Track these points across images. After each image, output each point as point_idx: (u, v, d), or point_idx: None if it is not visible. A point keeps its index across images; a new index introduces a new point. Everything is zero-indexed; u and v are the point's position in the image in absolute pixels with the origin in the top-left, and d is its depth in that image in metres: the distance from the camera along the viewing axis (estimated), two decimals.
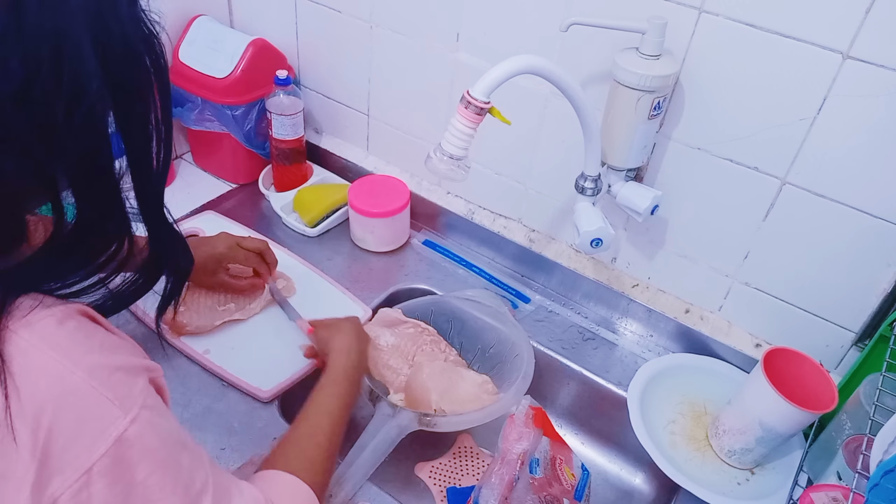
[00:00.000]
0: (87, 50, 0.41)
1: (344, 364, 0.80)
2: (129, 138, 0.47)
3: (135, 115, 0.47)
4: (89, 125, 0.43)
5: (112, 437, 0.44)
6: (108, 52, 0.42)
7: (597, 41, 0.87)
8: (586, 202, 0.90)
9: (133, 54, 0.44)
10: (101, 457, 0.43)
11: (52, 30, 0.39)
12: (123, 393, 0.45)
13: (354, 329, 0.86)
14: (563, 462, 0.85)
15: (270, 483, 0.64)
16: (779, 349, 0.82)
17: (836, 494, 0.72)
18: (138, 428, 0.45)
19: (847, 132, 0.77)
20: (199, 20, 1.18)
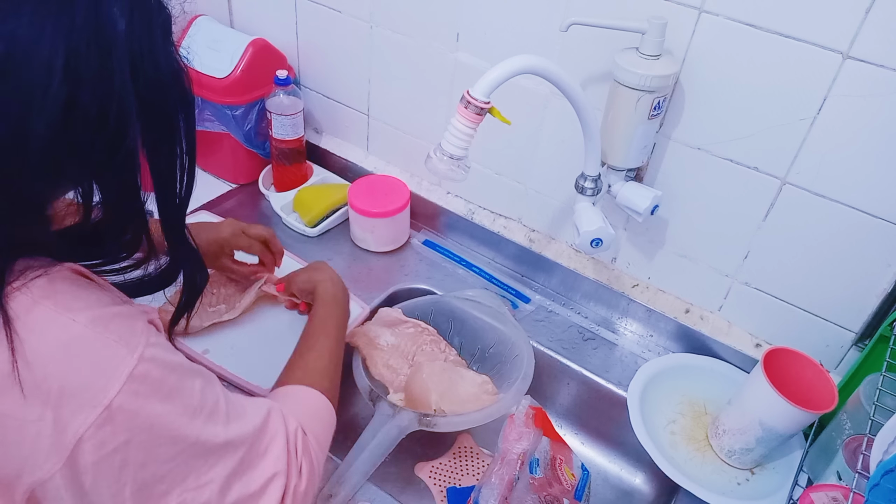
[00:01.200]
0: (128, 84, 0.44)
1: (331, 289, 0.88)
2: (157, 165, 0.51)
3: (163, 145, 0.51)
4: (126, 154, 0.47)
5: (124, 374, 0.46)
6: (144, 85, 0.46)
7: (597, 41, 0.87)
8: (586, 202, 0.90)
9: (165, 87, 0.48)
10: (118, 393, 0.46)
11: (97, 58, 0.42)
12: (126, 334, 0.48)
13: (326, 265, 0.94)
14: (563, 462, 0.85)
15: (283, 396, 0.70)
16: (779, 349, 0.82)
17: (836, 494, 0.72)
18: (146, 364, 0.48)
19: (847, 132, 0.77)
20: (199, 20, 1.18)
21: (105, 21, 0.42)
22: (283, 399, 0.69)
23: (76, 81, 0.42)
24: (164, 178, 0.52)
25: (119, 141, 0.46)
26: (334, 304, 0.87)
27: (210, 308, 0.98)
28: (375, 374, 0.92)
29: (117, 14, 0.43)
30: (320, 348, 0.79)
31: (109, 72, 0.43)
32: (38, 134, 0.41)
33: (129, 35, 0.44)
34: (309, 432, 0.65)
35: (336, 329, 0.83)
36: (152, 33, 0.46)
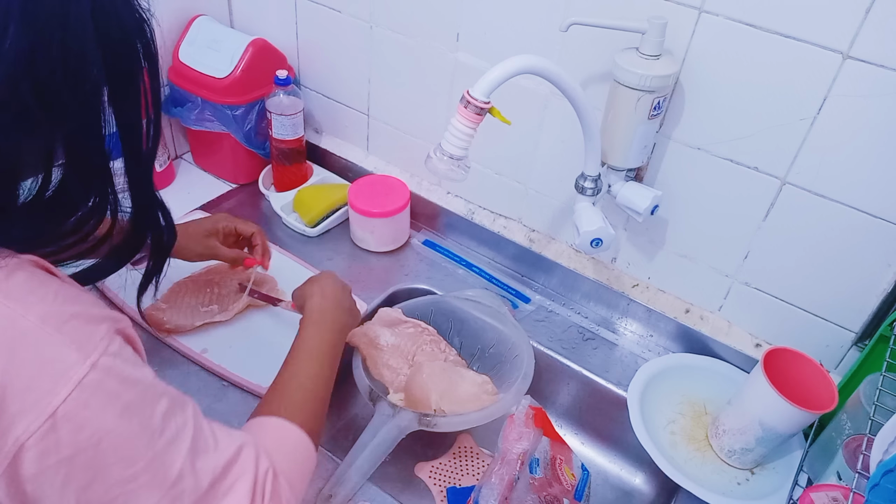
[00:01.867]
0: (89, 32, 0.43)
1: (318, 305, 0.81)
2: (122, 116, 0.49)
3: (127, 95, 0.49)
4: (88, 102, 0.45)
5: (73, 381, 0.43)
6: (106, 35, 0.44)
7: (597, 41, 0.87)
8: (586, 202, 0.90)
9: (127, 37, 0.47)
10: (63, 400, 0.42)
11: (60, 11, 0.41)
12: (81, 339, 0.44)
13: (327, 275, 0.88)
14: (563, 462, 0.85)
15: (257, 428, 0.64)
16: (779, 349, 0.82)
17: (836, 494, 0.72)
18: (100, 374, 0.44)
19: (847, 132, 0.77)
20: (199, 20, 1.18)
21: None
22: (257, 432, 0.63)
23: (35, 27, 0.40)
24: (130, 130, 0.50)
25: (83, 91, 0.44)
26: (321, 322, 0.79)
27: (203, 308, 0.98)
28: (375, 374, 0.92)
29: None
30: (302, 375, 0.72)
31: (70, 17, 0.42)
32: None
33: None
34: (281, 473, 0.58)
35: (322, 352, 0.76)
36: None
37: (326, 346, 0.77)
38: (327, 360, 0.76)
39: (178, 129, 1.29)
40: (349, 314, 0.85)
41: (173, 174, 1.27)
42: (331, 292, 0.83)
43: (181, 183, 1.26)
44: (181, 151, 1.32)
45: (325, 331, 0.78)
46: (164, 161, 1.22)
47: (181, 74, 1.16)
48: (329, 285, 0.85)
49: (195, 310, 0.97)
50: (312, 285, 0.85)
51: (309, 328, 0.78)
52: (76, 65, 0.43)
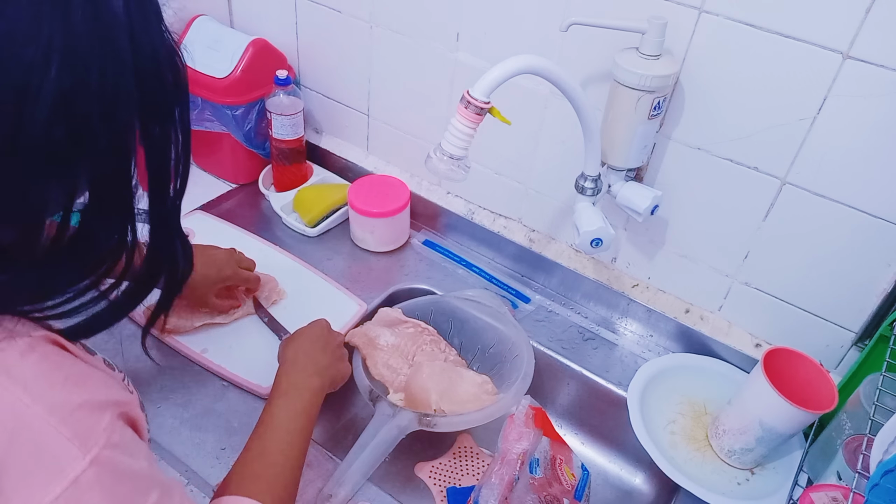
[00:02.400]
0: (128, 67, 0.41)
1: (288, 373, 0.77)
2: (151, 154, 0.47)
3: (157, 132, 0.47)
4: (121, 142, 0.43)
5: (69, 478, 0.41)
6: (142, 70, 0.43)
7: (597, 41, 0.87)
8: (586, 202, 0.90)
9: (160, 71, 0.45)
10: (55, 498, 0.41)
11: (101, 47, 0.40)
12: (84, 431, 0.43)
13: (307, 335, 0.83)
14: (563, 462, 0.85)
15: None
16: (779, 349, 0.82)
17: (836, 494, 0.72)
18: (98, 469, 0.43)
19: (847, 132, 0.77)
20: (199, 20, 1.18)
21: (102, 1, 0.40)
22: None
23: (75, 66, 0.39)
24: (159, 169, 0.48)
25: (117, 130, 0.43)
26: (291, 389, 0.75)
27: (202, 308, 0.98)
28: (375, 374, 0.92)
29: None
30: (272, 452, 0.68)
31: (109, 55, 0.40)
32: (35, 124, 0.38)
33: (127, 15, 0.41)
34: None
35: (291, 426, 0.72)
36: (147, 13, 0.43)
37: (298, 415, 0.73)
38: (300, 429, 0.72)
39: None
40: (326, 374, 0.80)
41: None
42: (303, 357, 0.79)
43: None
44: None
45: (296, 401, 0.74)
46: None
47: None
48: (303, 349, 0.81)
49: (195, 311, 0.97)
50: (287, 349, 0.81)
51: (278, 399, 0.74)
52: (112, 103, 0.41)
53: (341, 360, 0.85)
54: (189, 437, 0.84)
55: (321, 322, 0.88)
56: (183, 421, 0.85)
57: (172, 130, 0.48)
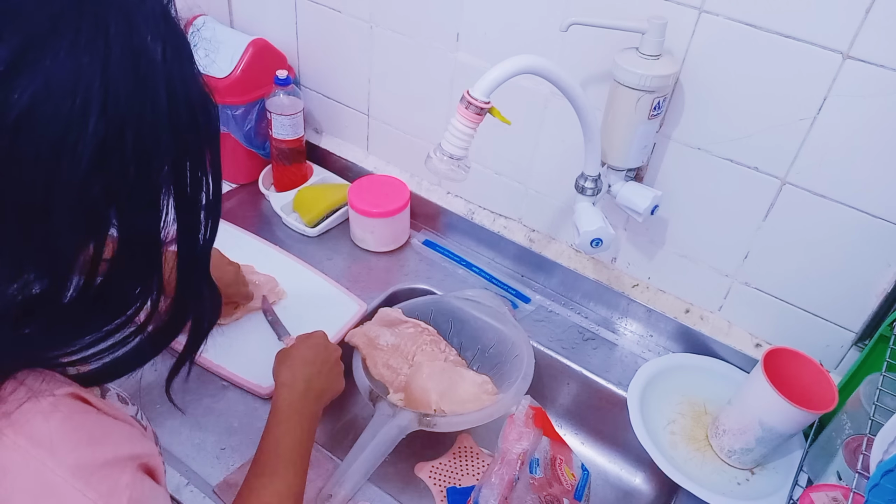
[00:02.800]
0: (163, 118, 0.41)
1: (288, 398, 0.76)
2: (182, 207, 0.46)
3: (191, 180, 0.46)
4: (154, 190, 0.43)
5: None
6: (176, 116, 0.42)
7: (597, 41, 0.87)
8: (586, 202, 0.90)
9: (194, 117, 0.44)
10: None
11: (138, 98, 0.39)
12: (108, 491, 0.43)
13: (304, 356, 0.81)
14: (563, 462, 0.85)
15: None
16: (779, 349, 0.82)
17: (836, 494, 0.72)
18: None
19: (847, 132, 0.77)
20: (199, 20, 1.18)
21: (141, 50, 0.39)
22: None
23: (113, 119, 0.38)
24: (190, 216, 0.47)
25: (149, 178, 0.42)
26: (293, 413, 0.74)
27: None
28: (375, 374, 0.92)
29: (151, 42, 0.40)
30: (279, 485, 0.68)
31: (147, 105, 0.40)
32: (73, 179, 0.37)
33: (164, 63, 0.40)
34: None
35: (295, 447, 0.72)
36: (182, 61, 0.43)
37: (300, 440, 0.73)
38: (301, 453, 0.72)
39: None
40: (324, 397, 0.80)
41: None
42: (302, 380, 0.78)
43: None
44: None
45: (297, 426, 0.74)
46: None
47: None
48: (304, 370, 0.79)
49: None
50: (284, 369, 0.79)
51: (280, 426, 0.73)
52: (148, 154, 0.41)
53: (338, 378, 0.84)
54: (189, 437, 0.84)
55: (318, 338, 0.85)
56: (183, 421, 0.85)
57: (203, 177, 0.47)
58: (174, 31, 0.43)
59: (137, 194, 0.42)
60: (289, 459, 0.71)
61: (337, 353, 0.85)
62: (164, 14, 0.42)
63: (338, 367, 0.85)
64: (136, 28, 0.39)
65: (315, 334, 0.86)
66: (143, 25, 0.40)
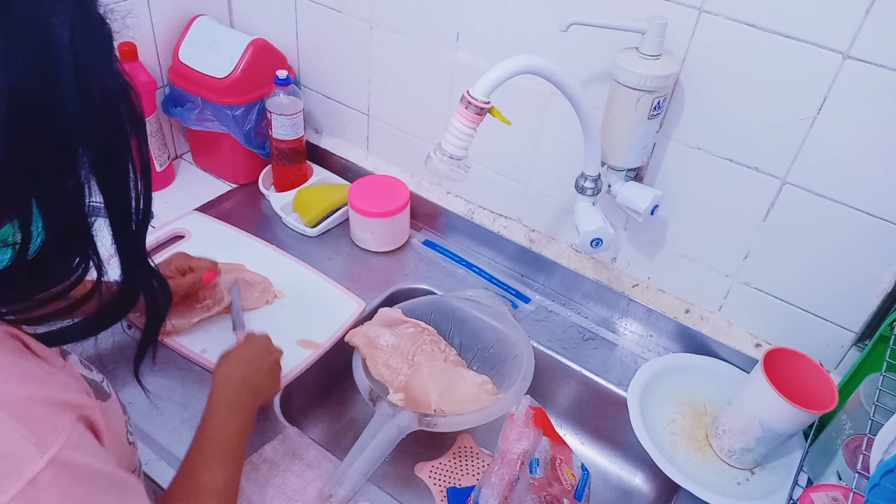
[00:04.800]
0: (74, 101, 0.40)
1: (223, 392, 0.76)
2: (107, 190, 0.46)
3: (114, 165, 0.46)
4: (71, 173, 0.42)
5: (25, 478, 0.40)
6: (91, 102, 0.42)
7: (597, 41, 0.87)
8: (586, 202, 0.90)
9: (113, 104, 0.44)
10: (11, 498, 0.40)
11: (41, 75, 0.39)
12: (43, 429, 0.42)
13: (245, 357, 0.81)
14: (563, 462, 0.85)
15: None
16: (779, 349, 0.82)
17: (836, 494, 0.72)
18: (55, 469, 0.41)
19: (847, 132, 0.77)
20: (199, 20, 1.18)
21: (46, 33, 0.39)
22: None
23: (19, 102, 0.38)
24: (118, 202, 0.47)
25: (67, 163, 0.42)
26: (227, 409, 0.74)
27: (198, 304, 0.97)
28: (375, 374, 0.92)
29: (57, 25, 0.39)
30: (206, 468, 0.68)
31: (55, 89, 0.39)
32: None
33: (72, 47, 0.40)
34: None
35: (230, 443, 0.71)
36: (96, 46, 0.42)
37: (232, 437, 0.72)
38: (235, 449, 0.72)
39: (178, 129, 1.29)
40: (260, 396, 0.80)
41: (173, 174, 1.27)
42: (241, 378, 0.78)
43: (181, 183, 1.26)
44: (181, 151, 1.32)
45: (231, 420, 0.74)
46: (164, 161, 1.22)
47: (181, 74, 1.16)
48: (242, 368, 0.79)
49: (191, 307, 0.97)
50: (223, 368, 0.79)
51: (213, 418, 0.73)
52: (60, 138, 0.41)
53: (274, 379, 0.84)
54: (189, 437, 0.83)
55: (260, 339, 0.86)
56: (183, 421, 0.85)
57: (130, 164, 0.47)
58: (87, 16, 0.42)
59: (55, 179, 0.42)
60: (224, 450, 0.71)
61: (277, 356, 0.86)
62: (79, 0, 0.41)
63: (276, 369, 0.85)
64: (41, 12, 0.39)
65: (259, 336, 0.86)
66: (49, 10, 0.39)
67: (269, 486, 0.79)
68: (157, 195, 1.21)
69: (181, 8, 1.18)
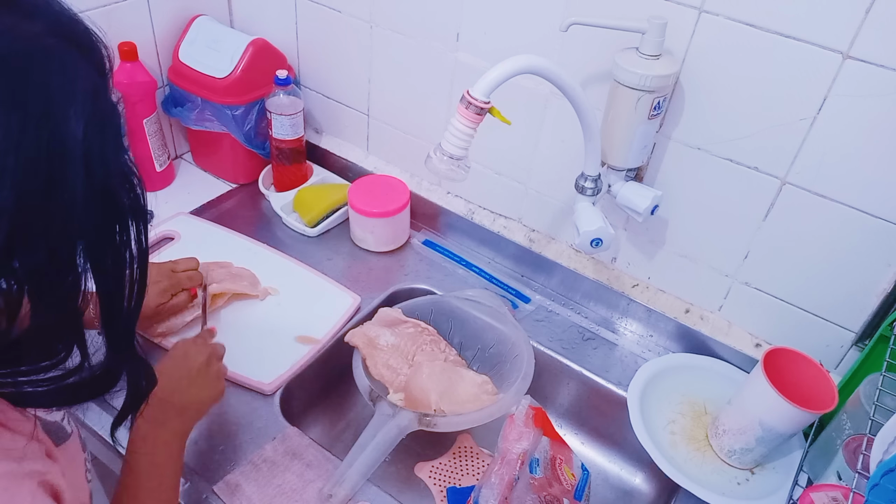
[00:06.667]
0: (79, 194, 0.40)
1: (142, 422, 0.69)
2: (102, 275, 0.45)
3: (112, 254, 0.46)
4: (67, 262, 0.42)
5: None
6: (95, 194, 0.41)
7: (597, 41, 0.87)
8: (586, 202, 0.90)
9: (116, 194, 0.44)
10: None
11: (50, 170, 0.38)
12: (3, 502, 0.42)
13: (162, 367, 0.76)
14: (563, 462, 0.85)
15: None
16: (779, 349, 0.82)
17: (836, 494, 0.72)
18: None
19: (847, 132, 0.77)
20: (199, 20, 1.18)
21: (62, 128, 0.38)
22: None
23: (25, 193, 0.37)
24: (111, 289, 0.46)
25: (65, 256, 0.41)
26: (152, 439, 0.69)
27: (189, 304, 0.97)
28: (375, 374, 0.92)
29: (73, 121, 0.39)
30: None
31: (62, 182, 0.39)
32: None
33: (85, 142, 0.39)
34: None
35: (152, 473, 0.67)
36: (106, 139, 0.42)
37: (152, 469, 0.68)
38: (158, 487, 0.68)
39: (178, 129, 1.29)
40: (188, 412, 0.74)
41: (173, 174, 1.27)
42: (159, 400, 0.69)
43: (181, 183, 1.26)
44: (181, 151, 1.32)
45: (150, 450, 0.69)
46: (164, 161, 1.22)
47: (181, 74, 1.16)
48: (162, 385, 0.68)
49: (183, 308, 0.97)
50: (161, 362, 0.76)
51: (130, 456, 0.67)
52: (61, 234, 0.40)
53: (203, 387, 0.76)
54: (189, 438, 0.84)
55: (176, 350, 0.79)
56: None
57: (127, 252, 0.46)
58: (102, 107, 0.42)
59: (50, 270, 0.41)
60: (147, 488, 0.66)
61: (199, 359, 0.77)
62: (95, 91, 0.41)
63: (201, 376, 0.76)
64: (57, 107, 0.38)
65: (182, 343, 0.80)
66: (66, 105, 0.39)
67: (269, 486, 0.79)
68: (157, 195, 1.22)
69: (181, 8, 1.18)
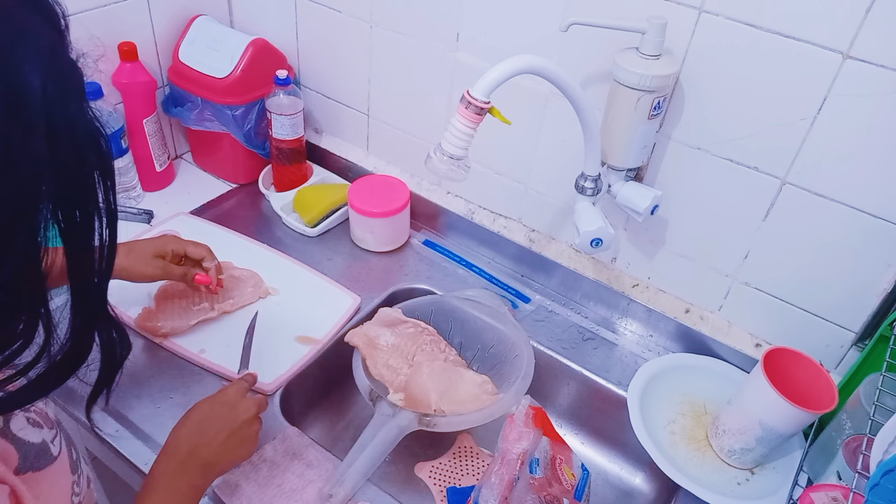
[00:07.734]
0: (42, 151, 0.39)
1: (164, 465, 0.68)
2: (70, 237, 0.44)
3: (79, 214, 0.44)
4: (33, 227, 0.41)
5: None
6: (59, 151, 0.40)
7: (597, 41, 0.87)
8: (586, 202, 0.90)
9: (82, 151, 0.43)
10: None
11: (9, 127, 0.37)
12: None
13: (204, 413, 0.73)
14: (563, 462, 0.85)
15: None
16: (779, 349, 0.82)
17: (836, 494, 0.72)
18: None
19: (847, 132, 0.77)
20: (199, 20, 1.18)
21: (17, 82, 0.38)
22: None
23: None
24: (80, 253, 0.45)
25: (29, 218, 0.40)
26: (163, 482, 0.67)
27: (195, 307, 0.98)
28: (375, 374, 0.92)
29: (29, 72, 0.38)
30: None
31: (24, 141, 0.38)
32: None
33: (43, 97, 0.38)
34: None
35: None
36: (67, 93, 0.41)
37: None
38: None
39: (178, 129, 1.29)
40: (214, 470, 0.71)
41: (173, 174, 1.27)
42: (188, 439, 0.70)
43: (181, 183, 1.26)
44: (181, 151, 1.32)
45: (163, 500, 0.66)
46: (164, 161, 1.22)
47: (181, 74, 1.16)
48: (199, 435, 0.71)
49: (188, 310, 0.97)
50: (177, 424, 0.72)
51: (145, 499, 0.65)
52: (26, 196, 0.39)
53: (237, 447, 0.73)
54: None
55: (227, 396, 0.75)
56: None
57: (96, 213, 0.45)
58: (60, 62, 0.41)
59: (14, 232, 0.40)
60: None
61: (247, 415, 0.74)
62: (52, 46, 0.40)
63: (239, 434, 0.73)
64: (12, 63, 0.38)
65: (227, 390, 0.76)
66: (21, 60, 0.38)
67: (269, 486, 0.79)
68: (156, 195, 1.22)
69: (181, 8, 1.18)
